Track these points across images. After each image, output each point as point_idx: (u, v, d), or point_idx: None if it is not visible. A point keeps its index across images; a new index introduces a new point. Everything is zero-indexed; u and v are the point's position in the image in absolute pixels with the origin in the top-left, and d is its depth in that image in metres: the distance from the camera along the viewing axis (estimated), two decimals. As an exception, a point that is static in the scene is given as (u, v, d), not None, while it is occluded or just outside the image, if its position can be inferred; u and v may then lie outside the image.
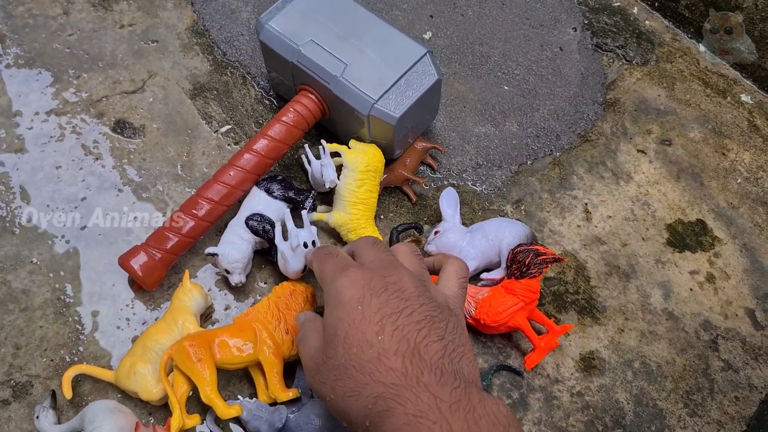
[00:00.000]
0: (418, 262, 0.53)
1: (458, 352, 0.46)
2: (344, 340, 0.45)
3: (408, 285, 0.47)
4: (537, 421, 0.68)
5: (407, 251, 0.54)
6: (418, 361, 0.43)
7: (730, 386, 0.72)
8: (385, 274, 0.48)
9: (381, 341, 0.44)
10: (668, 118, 0.92)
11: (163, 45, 0.90)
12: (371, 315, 0.45)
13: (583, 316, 0.75)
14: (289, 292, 0.66)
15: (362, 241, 0.55)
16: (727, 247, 0.82)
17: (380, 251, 0.52)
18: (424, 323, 0.45)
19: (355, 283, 0.47)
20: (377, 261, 0.51)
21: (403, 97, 0.72)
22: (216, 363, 0.61)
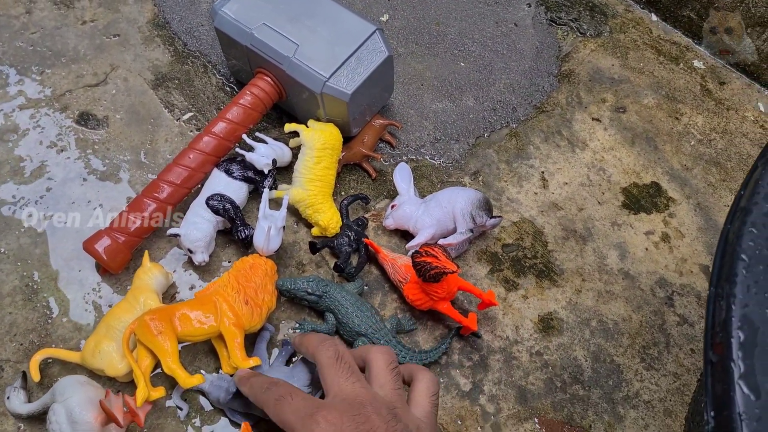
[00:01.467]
0: (392, 380, 0.53)
1: None
2: None
3: (377, 423, 0.48)
4: (497, 381, 0.70)
5: (382, 367, 0.53)
6: None
7: (686, 339, 0.75)
8: (353, 414, 0.48)
9: None
10: (622, 86, 0.94)
11: (124, 38, 0.91)
12: None
13: (542, 280, 0.77)
14: (249, 266, 0.68)
15: (323, 355, 0.53)
16: (681, 207, 0.84)
17: (345, 377, 0.51)
18: None
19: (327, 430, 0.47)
20: (341, 396, 0.50)
21: (354, 74, 0.74)
22: (178, 336, 0.63)
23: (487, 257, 0.78)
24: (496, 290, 0.75)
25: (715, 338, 0.40)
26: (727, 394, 0.37)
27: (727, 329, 0.40)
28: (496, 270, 0.77)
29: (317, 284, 0.69)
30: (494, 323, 0.73)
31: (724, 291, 0.42)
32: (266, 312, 0.67)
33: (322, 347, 0.54)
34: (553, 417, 0.68)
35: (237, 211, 0.72)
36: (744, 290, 0.41)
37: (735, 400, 0.37)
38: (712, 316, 0.42)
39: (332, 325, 0.69)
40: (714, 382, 0.39)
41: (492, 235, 0.79)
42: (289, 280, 0.69)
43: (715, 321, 0.41)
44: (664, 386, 0.71)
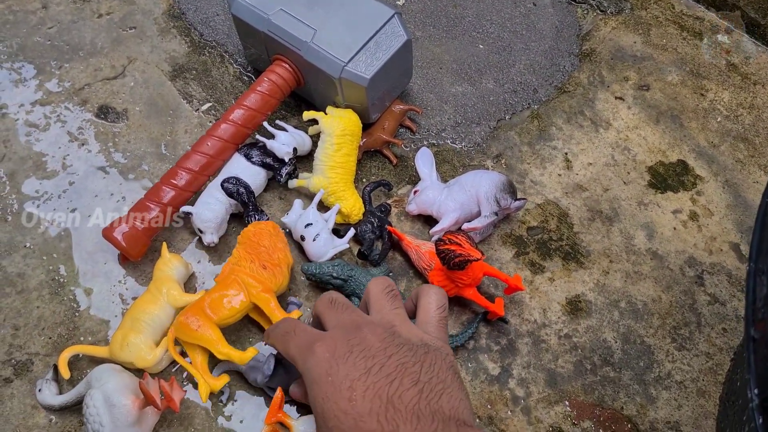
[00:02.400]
0: (389, 302, 0.52)
1: (437, 391, 0.45)
2: (323, 416, 0.45)
3: (373, 341, 0.47)
4: (526, 365, 0.69)
5: (378, 293, 0.52)
6: (393, 414, 0.43)
7: (717, 319, 0.73)
8: (348, 337, 0.47)
9: (354, 406, 0.43)
10: (645, 63, 0.92)
11: (141, 30, 0.91)
12: (341, 383, 0.45)
13: (568, 262, 0.76)
14: (253, 234, 0.68)
15: (321, 305, 0.53)
16: (709, 185, 0.82)
17: (341, 312, 0.51)
18: (395, 374, 0.45)
19: (321, 358, 0.47)
20: (339, 326, 0.50)
21: (373, 58, 0.73)
22: (216, 323, 0.64)
23: (512, 240, 0.77)
24: (522, 273, 0.74)
25: (757, 314, 0.39)
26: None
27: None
28: (522, 253, 0.76)
29: (342, 268, 0.69)
30: (521, 307, 0.72)
31: (764, 266, 0.40)
32: (286, 268, 0.68)
33: (317, 303, 0.53)
34: (584, 399, 0.68)
35: (251, 196, 0.72)
36: (786, 264, 0.40)
37: (781, 377, 0.36)
38: (753, 292, 0.41)
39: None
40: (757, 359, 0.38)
41: (516, 218, 0.78)
42: (314, 265, 0.69)
43: (756, 297, 0.40)
44: (697, 366, 0.70)
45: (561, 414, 0.67)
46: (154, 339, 0.65)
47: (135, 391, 0.60)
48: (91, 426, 0.59)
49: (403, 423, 0.42)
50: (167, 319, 0.66)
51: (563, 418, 0.67)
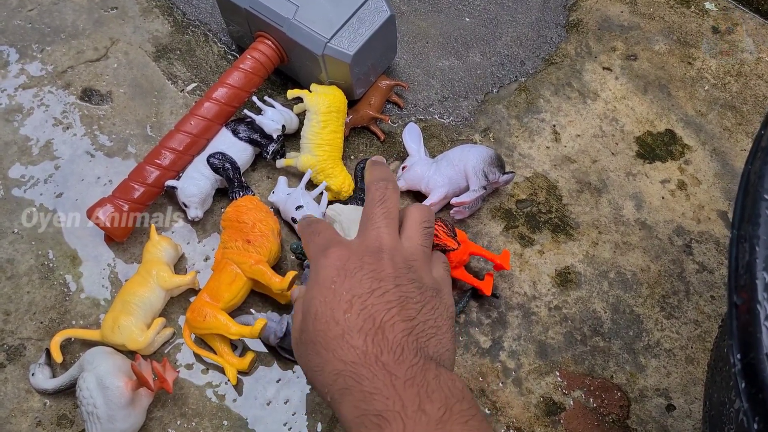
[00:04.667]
0: (421, 236, 0.51)
1: (428, 333, 0.46)
2: (315, 317, 0.46)
3: (386, 266, 0.47)
4: (517, 337, 0.70)
5: (416, 220, 0.52)
6: (380, 340, 0.43)
7: (706, 287, 0.74)
8: (364, 254, 0.48)
9: (347, 319, 0.44)
10: (632, 33, 0.92)
11: (122, 11, 0.90)
12: (342, 294, 0.46)
13: (557, 234, 0.76)
14: (232, 213, 0.69)
15: (371, 195, 0.52)
16: (697, 154, 0.82)
17: (377, 219, 0.50)
18: (395, 303, 0.45)
19: (332, 263, 0.47)
20: (364, 238, 0.49)
21: (356, 34, 0.72)
22: (223, 308, 0.65)
23: (501, 214, 0.77)
24: (511, 247, 0.75)
25: (739, 281, 0.40)
26: (754, 336, 0.37)
27: (751, 271, 0.39)
28: (511, 227, 0.76)
29: None
30: (511, 280, 0.73)
31: (746, 233, 0.41)
32: (272, 235, 0.68)
33: (374, 185, 0.52)
34: (574, 370, 0.68)
35: (236, 171, 0.72)
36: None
37: (762, 342, 0.36)
38: (736, 259, 0.41)
39: None
40: (739, 325, 0.38)
41: (505, 192, 0.78)
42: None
43: (738, 264, 0.40)
44: (685, 334, 0.71)
45: (552, 384, 0.67)
46: (145, 321, 0.65)
47: (128, 373, 0.61)
48: (85, 408, 0.59)
49: (387, 351, 0.43)
50: (157, 301, 0.66)
51: (554, 388, 0.67)
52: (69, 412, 0.64)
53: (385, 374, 0.42)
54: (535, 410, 0.66)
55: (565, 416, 0.66)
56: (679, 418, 0.66)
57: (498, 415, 0.66)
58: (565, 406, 0.66)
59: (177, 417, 0.64)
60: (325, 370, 0.44)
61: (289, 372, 0.67)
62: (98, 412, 0.59)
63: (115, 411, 0.59)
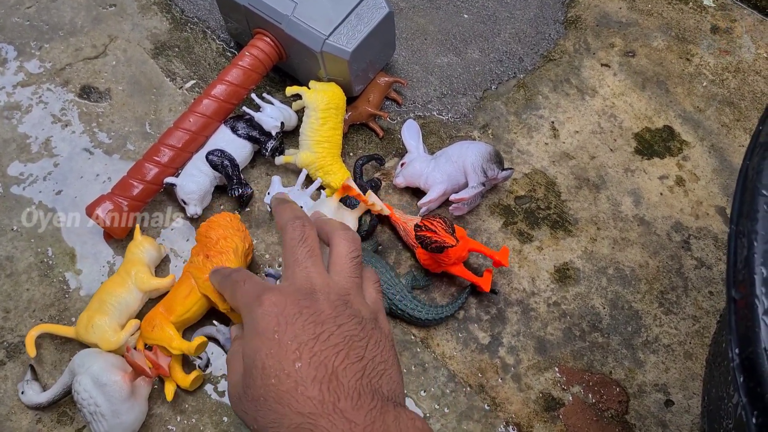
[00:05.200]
0: (351, 269, 0.50)
1: (378, 370, 0.45)
2: (262, 371, 0.44)
3: (324, 307, 0.46)
4: (516, 333, 0.70)
5: (343, 254, 0.51)
6: (336, 387, 0.42)
7: (704, 282, 0.74)
8: (299, 297, 0.46)
9: (299, 369, 0.43)
10: (631, 29, 0.92)
11: (121, 8, 0.90)
12: (288, 343, 0.44)
13: (556, 230, 0.76)
14: (204, 227, 0.68)
15: (287, 236, 0.51)
16: (695, 150, 0.82)
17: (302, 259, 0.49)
18: (342, 345, 0.44)
19: (269, 311, 0.46)
20: (293, 280, 0.48)
21: (354, 31, 0.72)
22: (175, 321, 0.64)
23: (500, 210, 0.77)
24: (510, 243, 0.75)
25: (737, 276, 0.40)
26: (752, 331, 0.37)
27: (749, 266, 0.39)
28: (510, 223, 0.76)
29: None
30: (510, 276, 0.73)
31: (745, 228, 0.41)
32: (234, 254, 0.66)
33: (290, 225, 0.51)
34: (573, 365, 0.69)
35: (235, 169, 0.72)
36: (766, 226, 0.40)
37: (760, 336, 0.36)
38: (734, 254, 0.41)
39: None
40: (738, 319, 0.39)
41: (504, 188, 0.78)
42: None
43: (737, 259, 0.41)
44: (684, 330, 0.71)
45: (551, 380, 0.68)
46: (120, 321, 0.65)
47: (121, 367, 0.61)
48: (87, 410, 0.59)
49: (344, 397, 0.42)
50: (134, 302, 0.66)
51: (553, 384, 0.67)
52: (69, 409, 0.64)
53: (345, 422, 0.41)
54: (534, 406, 0.66)
55: (564, 412, 0.66)
56: (677, 413, 0.67)
57: (497, 410, 0.66)
58: (564, 402, 0.67)
59: (177, 414, 0.64)
60: (283, 424, 0.43)
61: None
62: (101, 410, 0.59)
63: (117, 405, 0.59)
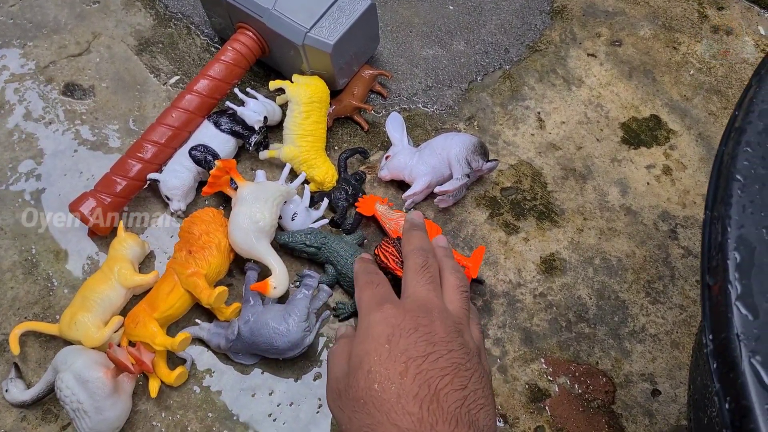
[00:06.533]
0: (461, 300, 0.52)
1: (478, 404, 0.45)
2: (367, 374, 0.45)
3: (439, 329, 0.47)
4: (502, 325, 0.70)
5: (454, 286, 0.53)
6: (436, 408, 0.43)
7: (691, 271, 0.74)
8: (418, 314, 0.48)
9: (403, 383, 0.44)
10: (617, 19, 0.91)
11: (104, 5, 0.90)
12: (397, 355, 0.45)
13: (542, 221, 0.76)
14: (187, 223, 0.68)
15: (411, 261, 0.54)
16: (682, 139, 0.82)
17: (423, 283, 0.51)
18: (449, 370, 0.45)
19: (386, 320, 0.47)
20: (414, 299, 0.50)
21: (336, 24, 0.72)
22: (158, 317, 0.64)
23: (486, 202, 0.77)
24: (496, 234, 0.74)
25: (711, 262, 0.39)
26: (725, 316, 0.37)
27: (723, 251, 0.39)
28: (496, 214, 0.76)
29: (315, 236, 0.69)
30: (496, 267, 0.73)
31: (719, 213, 0.40)
32: (217, 249, 0.66)
33: (415, 253, 0.54)
34: (559, 356, 0.68)
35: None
36: (739, 211, 0.40)
37: (733, 322, 0.36)
38: (708, 240, 0.41)
39: (332, 276, 0.69)
40: (711, 305, 0.38)
41: (490, 180, 0.78)
42: (286, 234, 0.69)
43: (711, 245, 0.40)
44: (671, 319, 0.71)
45: (537, 371, 0.67)
46: (103, 318, 0.65)
47: (104, 363, 0.61)
48: (70, 407, 0.59)
49: (443, 421, 0.42)
50: (117, 298, 0.66)
51: (539, 375, 0.67)
52: (54, 406, 0.64)
53: None
54: (520, 397, 0.66)
55: (551, 402, 0.66)
56: (664, 402, 0.66)
57: (483, 402, 0.65)
58: (550, 393, 0.66)
59: (161, 410, 0.64)
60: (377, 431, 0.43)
61: (273, 363, 0.66)
62: (84, 407, 0.58)
63: (100, 402, 0.59)
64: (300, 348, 0.63)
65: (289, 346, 0.62)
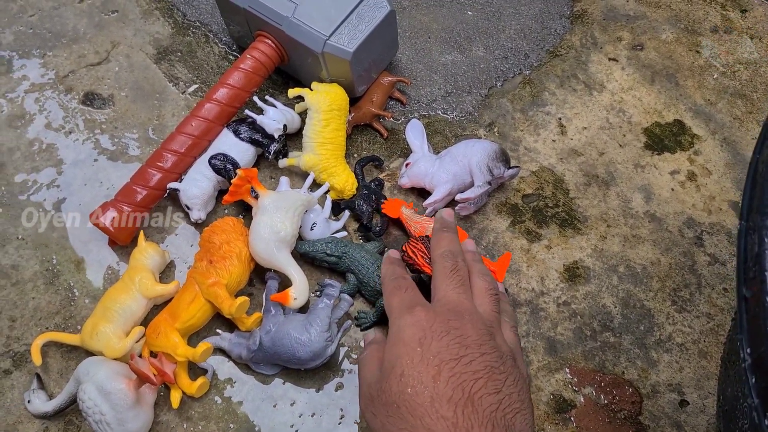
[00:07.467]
0: (491, 303, 0.52)
1: (514, 408, 0.45)
2: (400, 378, 0.45)
3: (471, 332, 0.47)
4: (525, 334, 0.69)
5: (484, 289, 0.53)
6: (471, 413, 0.42)
7: (718, 279, 0.72)
8: (449, 317, 0.48)
9: (436, 387, 0.43)
10: (639, 22, 0.90)
11: (123, 14, 0.90)
12: (430, 358, 0.45)
13: (565, 228, 0.75)
14: (208, 232, 0.68)
15: (441, 265, 0.54)
16: (707, 144, 0.81)
17: (453, 286, 0.51)
18: (483, 373, 0.44)
19: (417, 323, 0.47)
20: (445, 302, 0.50)
21: (356, 31, 0.72)
22: (179, 328, 0.64)
23: (508, 209, 0.76)
24: (518, 242, 0.73)
25: (748, 273, 0.39)
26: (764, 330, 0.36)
27: (760, 263, 0.38)
28: (518, 222, 0.75)
29: (336, 245, 0.68)
30: (519, 276, 0.72)
31: (755, 223, 0.39)
32: (237, 259, 0.65)
33: (444, 256, 0.54)
34: (584, 366, 0.67)
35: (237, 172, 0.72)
36: (777, 220, 0.39)
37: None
38: (744, 251, 0.40)
39: (354, 285, 0.68)
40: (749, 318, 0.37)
41: (511, 187, 0.77)
42: (307, 243, 0.69)
43: (747, 256, 0.39)
44: (698, 328, 0.69)
45: (562, 381, 0.66)
46: (124, 329, 0.64)
47: (126, 374, 0.60)
48: (93, 418, 0.59)
49: (479, 425, 0.42)
50: (139, 308, 0.65)
51: (564, 385, 0.66)
52: (75, 417, 0.64)
53: None
54: (545, 408, 0.65)
55: (576, 413, 0.65)
56: (692, 413, 0.65)
57: (507, 413, 0.65)
58: (575, 403, 0.65)
59: (183, 421, 0.64)
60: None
61: (294, 373, 0.66)
62: (107, 419, 0.58)
63: (123, 413, 0.59)
64: (322, 358, 0.62)
65: (311, 356, 0.62)
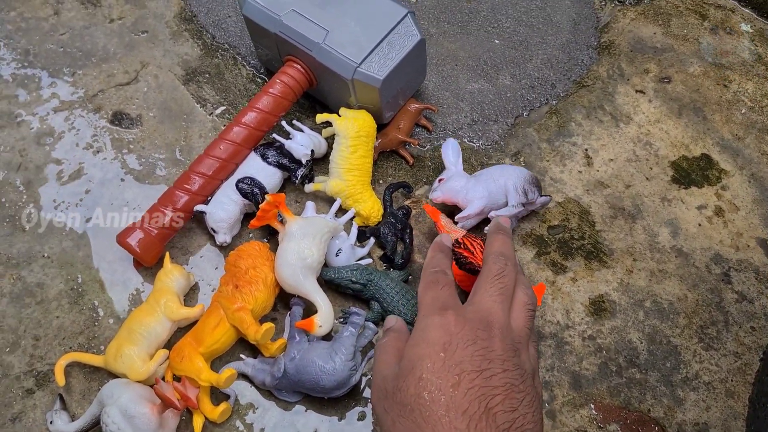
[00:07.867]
0: (526, 319, 0.51)
1: (527, 428, 0.44)
2: (418, 381, 0.44)
3: (497, 346, 0.46)
4: (550, 368, 0.68)
5: (523, 303, 0.51)
6: (484, 428, 0.42)
7: (746, 317, 0.71)
8: (478, 327, 0.47)
9: (454, 396, 0.43)
10: (666, 55, 0.90)
11: (153, 34, 0.91)
12: (452, 366, 0.44)
13: (590, 261, 0.74)
14: (236, 258, 0.68)
15: (488, 267, 0.52)
16: (734, 179, 0.80)
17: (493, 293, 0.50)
18: (502, 390, 0.44)
19: (445, 326, 0.46)
20: (478, 308, 0.49)
21: (386, 59, 0.72)
22: (204, 352, 0.64)
23: (533, 240, 0.75)
24: (543, 274, 0.73)
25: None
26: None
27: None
28: (543, 253, 0.74)
29: (361, 273, 0.68)
30: (544, 308, 0.71)
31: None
32: (263, 284, 0.65)
33: (494, 258, 0.53)
34: (609, 402, 0.66)
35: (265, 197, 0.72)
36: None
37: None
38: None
39: (378, 313, 0.68)
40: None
41: (537, 218, 0.77)
42: (332, 270, 0.68)
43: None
44: (725, 366, 0.68)
45: (587, 417, 0.66)
46: (149, 351, 0.64)
47: (150, 398, 0.60)
48: None
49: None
50: (164, 331, 0.65)
51: (589, 421, 0.65)
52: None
53: None
54: (569, 444, 0.64)
55: (601, 451, 0.64)
56: (719, 454, 0.64)
57: (531, 449, 0.64)
58: (600, 441, 0.64)
59: (204, 446, 0.63)
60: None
61: (316, 401, 0.65)
62: None
63: None
64: (346, 387, 0.62)
65: (336, 385, 0.61)
